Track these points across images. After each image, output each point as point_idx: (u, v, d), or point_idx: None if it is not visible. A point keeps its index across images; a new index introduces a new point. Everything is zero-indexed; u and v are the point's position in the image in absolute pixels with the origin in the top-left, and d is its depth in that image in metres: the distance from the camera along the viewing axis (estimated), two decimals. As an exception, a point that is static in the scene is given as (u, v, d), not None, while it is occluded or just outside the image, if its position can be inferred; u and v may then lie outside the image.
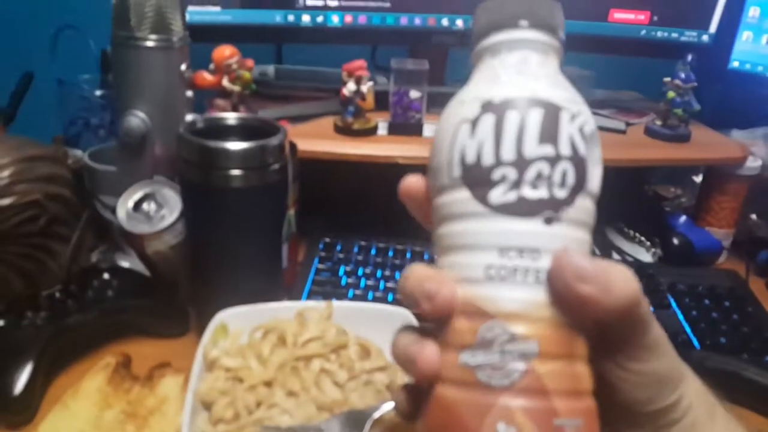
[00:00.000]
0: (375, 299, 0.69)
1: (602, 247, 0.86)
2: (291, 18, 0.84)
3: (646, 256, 0.86)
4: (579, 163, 0.27)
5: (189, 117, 0.68)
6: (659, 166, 1.03)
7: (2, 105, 0.80)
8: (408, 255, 0.77)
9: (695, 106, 0.87)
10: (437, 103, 0.85)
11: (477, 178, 0.27)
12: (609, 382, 0.29)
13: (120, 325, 0.61)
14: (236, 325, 0.56)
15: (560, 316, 0.26)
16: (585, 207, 0.27)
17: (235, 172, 0.54)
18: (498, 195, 0.26)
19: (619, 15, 0.90)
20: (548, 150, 0.26)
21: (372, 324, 0.56)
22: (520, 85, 0.27)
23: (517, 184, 0.26)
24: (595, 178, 0.28)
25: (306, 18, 0.84)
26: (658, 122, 0.90)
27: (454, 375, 0.26)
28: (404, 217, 0.30)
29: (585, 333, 0.27)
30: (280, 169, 0.58)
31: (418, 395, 0.29)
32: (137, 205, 0.62)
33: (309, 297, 0.69)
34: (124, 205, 0.61)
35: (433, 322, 0.28)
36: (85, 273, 0.64)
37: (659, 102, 0.90)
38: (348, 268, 0.75)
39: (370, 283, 0.72)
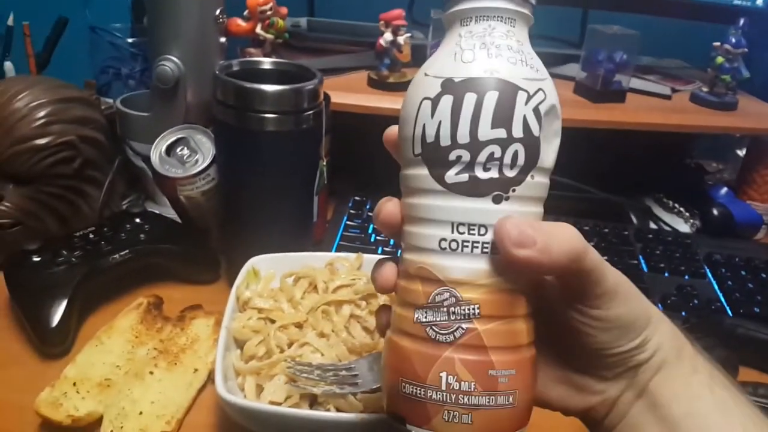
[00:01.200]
0: (405, 255, 0.68)
1: (641, 216, 0.84)
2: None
3: (684, 227, 0.84)
4: (531, 144, 0.28)
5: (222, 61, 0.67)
6: (702, 137, 1.00)
7: (37, 50, 0.79)
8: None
9: (744, 73, 0.84)
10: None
11: (435, 158, 0.29)
12: (574, 329, 0.31)
13: (152, 268, 0.61)
14: (268, 270, 0.55)
15: (501, 283, 0.29)
16: (535, 183, 0.29)
17: (270, 115, 0.54)
18: (452, 175, 0.28)
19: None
20: (500, 133, 0.28)
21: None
22: (481, 63, 0.28)
23: (470, 166, 0.28)
24: (549, 154, 0.29)
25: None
26: (705, 89, 0.87)
27: (409, 328, 0.30)
28: None
29: (529, 293, 0.30)
30: (315, 116, 0.57)
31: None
32: (170, 150, 0.61)
33: (338, 252, 0.68)
34: (158, 149, 0.61)
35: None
36: (117, 217, 0.65)
37: (705, 70, 0.87)
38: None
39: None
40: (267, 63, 0.60)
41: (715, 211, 0.83)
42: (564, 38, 1.06)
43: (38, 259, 0.56)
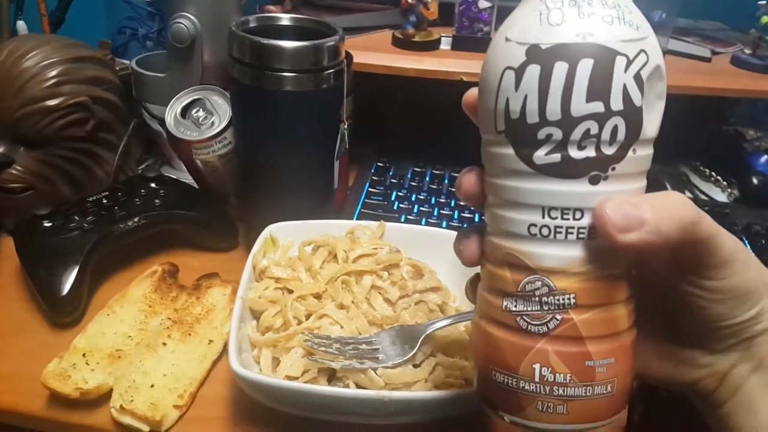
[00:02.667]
0: (428, 225, 0.65)
1: (676, 184, 0.80)
2: None
3: (721, 196, 0.80)
4: (632, 115, 0.25)
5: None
6: (741, 102, 0.95)
7: (51, 8, 0.77)
8: (465, 181, 0.73)
9: (792, 34, 0.79)
10: (506, 15, 0.79)
11: (521, 136, 0.26)
12: (685, 301, 0.29)
13: (167, 234, 0.59)
14: (286, 238, 0.53)
15: (600, 269, 0.26)
16: (638, 157, 0.26)
17: (288, 73, 0.50)
18: (542, 155, 0.26)
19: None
20: (597, 107, 0.25)
21: (425, 247, 0.53)
22: (572, 24, 0.25)
23: (562, 145, 0.25)
24: (653, 122, 0.26)
25: None
26: (747, 51, 0.82)
27: (497, 316, 0.28)
28: (464, 141, 0.27)
29: (630, 274, 0.28)
30: (336, 75, 0.54)
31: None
32: (185, 112, 0.59)
33: (359, 219, 0.66)
34: (173, 111, 0.59)
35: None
36: (132, 181, 0.63)
37: (746, 33, 0.82)
38: (401, 193, 0.71)
39: (424, 208, 0.69)
40: (285, 19, 0.57)
41: (754, 180, 0.79)
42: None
43: (49, 224, 0.54)
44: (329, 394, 0.38)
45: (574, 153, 0.25)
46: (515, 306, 0.27)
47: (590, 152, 0.25)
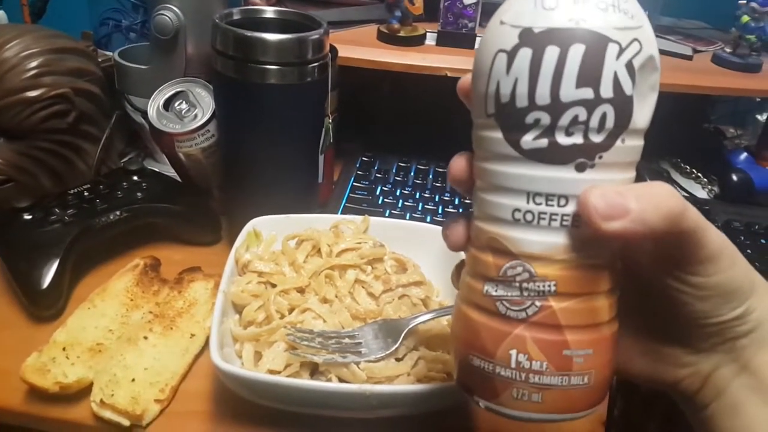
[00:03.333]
0: (413, 220, 0.66)
1: (657, 179, 0.81)
2: None
3: (701, 193, 0.81)
4: (622, 104, 0.25)
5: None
6: (721, 100, 0.96)
7: (32, -1, 0.76)
8: (449, 177, 0.73)
9: (770, 33, 0.80)
10: (491, 12, 0.79)
11: (510, 120, 0.26)
12: (669, 297, 0.28)
13: (149, 228, 0.59)
14: (269, 232, 0.53)
15: (582, 258, 0.26)
16: (626, 147, 0.26)
17: (272, 66, 0.50)
18: (529, 140, 0.25)
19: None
20: (587, 93, 0.24)
21: (409, 241, 0.54)
22: (566, 9, 0.24)
23: (549, 130, 0.25)
24: (643, 113, 0.26)
25: None
26: (728, 50, 0.83)
27: (478, 300, 0.28)
28: (449, 136, 0.27)
29: (614, 265, 0.27)
30: (320, 68, 0.53)
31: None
32: (168, 104, 0.58)
33: (344, 214, 0.65)
34: (155, 103, 0.58)
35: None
36: (114, 174, 0.62)
37: (728, 32, 0.83)
38: (385, 188, 0.71)
39: (408, 203, 0.69)
40: (270, 12, 0.56)
41: (734, 177, 0.80)
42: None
43: (29, 217, 0.53)
44: (311, 388, 0.38)
45: (562, 139, 0.25)
46: (495, 291, 0.27)
47: (578, 139, 0.25)
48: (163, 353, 0.45)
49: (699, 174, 0.83)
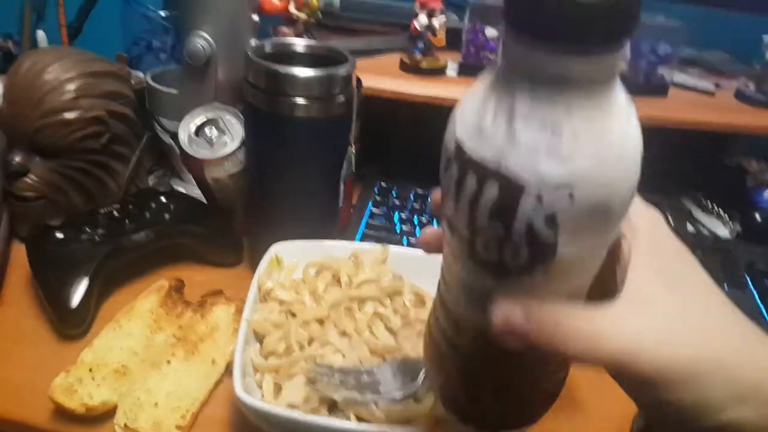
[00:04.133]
0: (431, 248, 0.66)
1: (678, 217, 0.81)
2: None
3: (723, 231, 0.80)
4: (541, 246, 0.23)
5: (254, 42, 0.66)
6: (745, 136, 0.96)
7: (70, 19, 0.78)
8: (468, 206, 0.74)
9: (797, 69, 0.80)
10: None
11: (446, 215, 0.26)
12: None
13: (175, 248, 0.61)
14: (291, 258, 0.54)
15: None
16: (548, 276, 0.24)
17: (301, 100, 0.52)
18: (457, 238, 0.26)
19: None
20: (498, 227, 0.23)
21: (427, 273, 0.54)
22: (495, 141, 0.22)
23: (470, 243, 0.25)
24: (578, 247, 0.24)
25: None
26: (751, 86, 0.83)
27: None
28: None
29: None
30: (346, 102, 0.55)
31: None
32: (199, 130, 0.60)
33: (362, 240, 0.67)
34: (186, 129, 0.60)
35: None
36: (143, 194, 0.64)
37: (751, 65, 0.83)
38: (403, 215, 0.72)
39: (426, 231, 0.70)
40: (300, 45, 0.58)
41: (757, 216, 0.79)
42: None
43: (61, 235, 0.55)
44: (328, 427, 0.38)
45: (479, 251, 0.25)
46: None
47: (492, 257, 0.25)
48: (185, 378, 0.46)
49: (721, 211, 0.83)
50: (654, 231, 0.28)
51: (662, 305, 0.25)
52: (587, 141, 0.22)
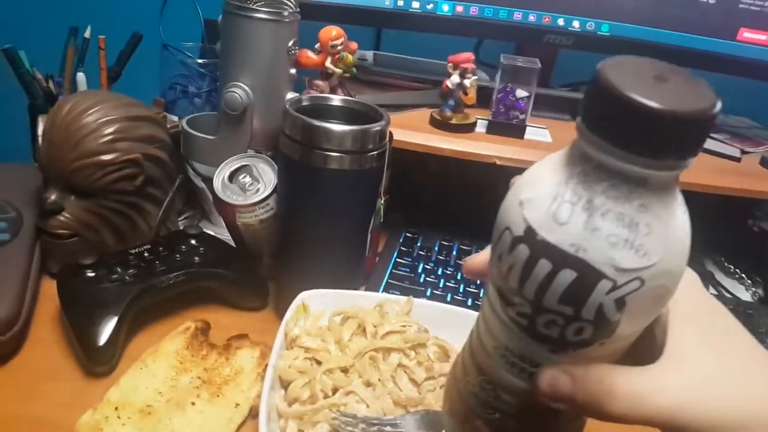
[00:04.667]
0: (453, 301, 0.67)
1: (701, 279, 0.81)
2: (401, 3, 0.83)
3: (745, 295, 0.80)
4: (604, 325, 0.25)
5: (290, 94, 0.68)
6: (768, 201, 0.96)
7: (110, 63, 0.82)
8: (491, 259, 0.74)
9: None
10: (541, 106, 0.82)
11: (503, 288, 0.27)
12: None
13: (203, 291, 0.62)
14: (317, 306, 0.55)
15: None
16: (605, 347, 0.26)
17: (335, 153, 0.53)
18: (513, 313, 0.27)
19: (749, 35, 0.84)
20: (567, 310, 0.25)
21: (451, 327, 0.54)
22: (573, 231, 0.24)
23: (530, 318, 0.26)
24: (634, 324, 0.26)
25: (416, 4, 0.83)
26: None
27: None
28: (491, 221, 0.28)
29: None
30: (378, 156, 0.56)
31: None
32: (233, 176, 0.62)
33: (386, 289, 0.67)
34: (221, 175, 0.62)
35: None
36: (173, 236, 0.65)
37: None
38: (428, 266, 0.73)
39: (450, 284, 0.70)
40: (336, 100, 0.60)
41: (779, 281, 0.79)
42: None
43: (92, 274, 0.57)
44: (352, 474, 0.39)
45: (540, 327, 0.26)
46: None
47: (553, 333, 0.26)
48: (209, 421, 0.47)
49: (743, 275, 0.83)
50: (692, 291, 0.29)
51: (707, 363, 0.26)
52: (658, 235, 0.24)
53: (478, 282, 0.71)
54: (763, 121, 1.01)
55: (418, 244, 0.77)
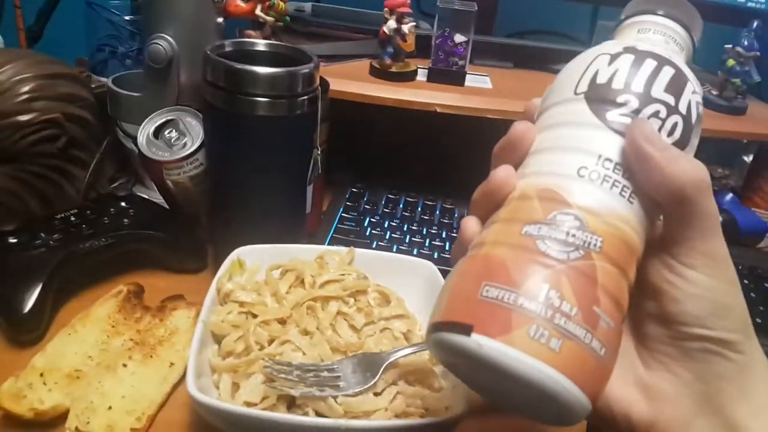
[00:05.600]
0: (400, 252, 0.66)
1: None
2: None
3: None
4: (688, 126, 0.29)
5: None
6: (708, 141, 0.98)
7: (29, 23, 0.77)
8: (437, 211, 0.74)
9: (755, 77, 0.83)
10: (483, 54, 0.81)
11: (600, 97, 0.30)
12: (660, 289, 0.29)
13: (135, 254, 0.59)
14: (253, 262, 0.53)
15: (627, 233, 0.28)
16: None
17: (261, 98, 0.51)
18: (615, 114, 0.29)
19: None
20: (670, 99, 0.29)
21: (394, 274, 0.54)
22: (662, 49, 0.31)
23: (635, 112, 0.29)
24: (689, 153, 0.30)
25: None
26: (714, 92, 0.84)
27: (512, 239, 0.28)
28: (437, 171, 0.27)
29: (638, 265, 0.29)
30: (310, 102, 0.54)
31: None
32: (158, 132, 0.59)
33: (331, 244, 0.66)
34: (145, 131, 0.59)
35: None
36: (102, 199, 0.62)
37: (714, 73, 0.85)
38: (374, 220, 0.72)
39: (395, 235, 0.69)
40: (261, 45, 0.57)
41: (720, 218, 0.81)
42: (573, 35, 1.04)
43: (15, 240, 0.54)
44: (287, 422, 0.37)
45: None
46: (538, 231, 0.27)
47: (655, 126, 0.29)
48: (142, 381, 0.45)
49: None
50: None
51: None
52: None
53: (424, 231, 0.70)
54: (703, 65, 1.02)
55: (365, 199, 0.75)
